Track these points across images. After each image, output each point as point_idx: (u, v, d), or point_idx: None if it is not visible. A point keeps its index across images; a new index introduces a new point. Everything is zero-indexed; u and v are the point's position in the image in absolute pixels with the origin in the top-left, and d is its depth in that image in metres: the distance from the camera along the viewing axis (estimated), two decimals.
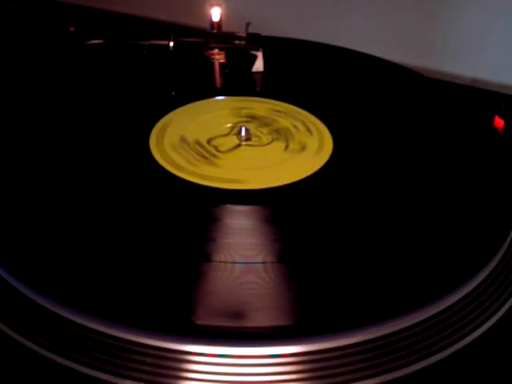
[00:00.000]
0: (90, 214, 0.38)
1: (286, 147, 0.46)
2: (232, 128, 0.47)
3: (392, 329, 0.31)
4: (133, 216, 0.38)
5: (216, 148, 0.45)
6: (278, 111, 0.50)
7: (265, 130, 0.47)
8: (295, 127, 0.48)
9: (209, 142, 0.45)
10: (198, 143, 0.45)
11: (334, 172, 0.42)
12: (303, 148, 0.46)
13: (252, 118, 0.49)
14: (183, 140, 0.45)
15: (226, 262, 0.34)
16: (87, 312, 0.31)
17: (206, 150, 0.44)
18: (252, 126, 0.47)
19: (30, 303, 0.33)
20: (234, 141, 0.46)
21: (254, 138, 0.46)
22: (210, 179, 0.41)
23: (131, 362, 0.30)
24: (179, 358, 0.30)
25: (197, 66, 0.57)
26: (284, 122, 0.49)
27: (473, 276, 0.34)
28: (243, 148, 0.45)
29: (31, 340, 0.32)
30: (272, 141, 0.46)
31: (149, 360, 0.30)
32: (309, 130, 0.48)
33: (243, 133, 0.46)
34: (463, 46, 0.66)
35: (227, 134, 0.46)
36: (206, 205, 0.39)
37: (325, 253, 0.35)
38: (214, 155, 0.44)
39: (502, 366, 0.32)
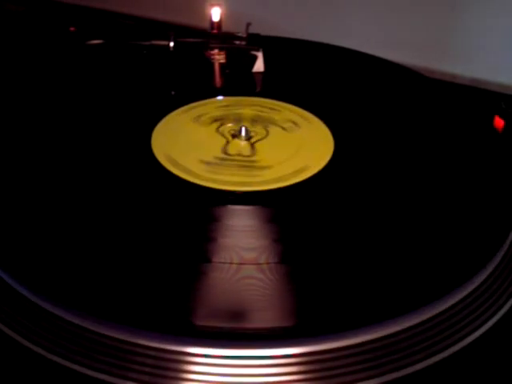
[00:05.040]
0: (90, 215, 0.38)
1: (283, 129, 0.47)
2: (222, 134, 0.47)
3: (392, 330, 0.31)
4: (133, 217, 0.38)
5: (241, 154, 0.44)
6: (227, 106, 0.51)
7: (247, 124, 0.47)
8: (260, 111, 0.49)
9: (226, 153, 0.44)
10: (222, 158, 0.44)
11: (334, 172, 0.42)
12: (294, 123, 0.47)
13: (220, 119, 0.49)
14: (207, 162, 0.43)
15: (226, 263, 0.34)
16: (87, 313, 0.31)
17: (238, 160, 0.43)
18: (235, 125, 0.47)
19: (31, 305, 0.33)
20: (242, 143, 0.46)
21: (252, 134, 0.46)
22: (286, 178, 0.41)
23: (131, 363, 0.30)
24: (179, 359, 0.30)
25: (197, 67, 0.57)
26: (246, 112, 0.49)
27: (473, 277, 0.34)
28: (258, 145, 0.45)
29: (31, 341, 0.32)
30: (266, 129, 0.47)
31: (149, 361, 0.30)
32: (272, 109, 0.50)
33: (243, 133, 0.46)
34: (463, 46, 0.66)
35: (228, 141, 0.46)
36: (206, 205, 0.39)
37: (326, 253, 0.35)
38: (251, 161, 0.43)
39: (502, 366, 0.32)
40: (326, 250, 0.36)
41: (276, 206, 0.39)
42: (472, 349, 0.32)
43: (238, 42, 0.56)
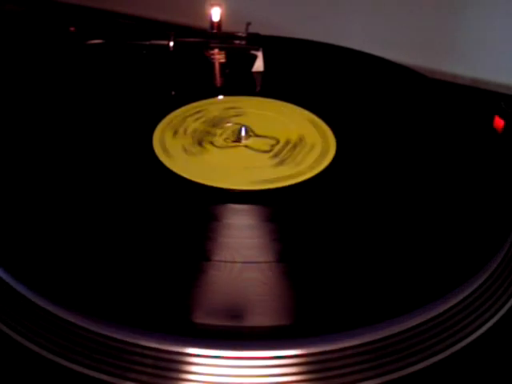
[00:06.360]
0: (91, 215, 0.38)
1: (234, 116, 0.49)
2: (228, 146, 0.46)
3: (392, 330, 0.31)
4: (132, 216, 0.38)
5: (273, 145, 0.45)
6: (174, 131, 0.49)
7: (212, 128, 0.47)
8: (200, 118, 0.49)
9: (269, 150, 0.44)
10: (276, 154, 0.44)
11: (335, 172, 0.42)
12: (232, 108, 0.50)
13: (200, 141, 0.47)
14: (280, 162, 0.43)
15: (225, 262, 0.34)
16: (86, 313, 0.31)
17: (283, 148, 0.45)
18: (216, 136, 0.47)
19: (31, 305, 0.33)
20: (255, 140, 0.46)
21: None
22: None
23: (131, 364, 0.30)
24: (179, 359, 0.30)
25: (197, 66, 0.57)
26: (197, 125, 0.48)
27: (473, 277, 0.34)
28: (261, 132, 0.47)
29: (31, 341, 0.32)
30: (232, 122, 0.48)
31: (148, 361, 0.30)
32: (199, 112, 0.50)
33: (243, 132, 0.46)
34: (463, 45, 0.66)
35: (247, 146, 0.45)
36: (206, 204, 0.39)
37: (325, 253, 0.35)
38: (288, 142, 0.45)
39: (501, 366, 0.32)
40: (325, 250, 0.35)
41: (276, 205, 0.39)
42: (472, 349, 0.32)
43: (237, 42, 0.56)
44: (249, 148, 0.45)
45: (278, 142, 0.46)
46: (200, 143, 0.46)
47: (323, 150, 0.45)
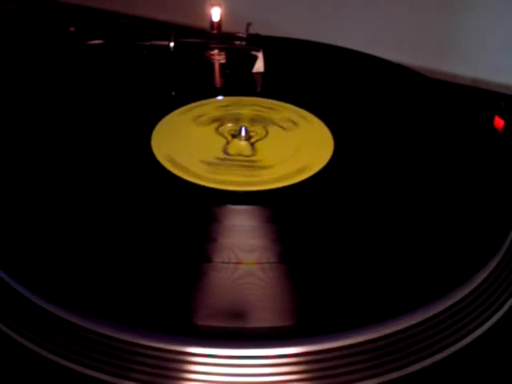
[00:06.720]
0: (90, 216, 0.38)
1: (282, 128, 0.48)
2: (222, 134, 0.47)
3: (392, 329, 0.31)
4: (134, 217, 0.38)
5: (241, 154, 0.44)
6: (227, 106, 0.51)
7: (246, 124, 0.47)
8: (259, 111, 0.50)
9: (227, 153, 0.44)
10: (223, 158, 0.44)
11: (334, 172, 0.42)
12: (294, 122, 0.48)
13: (219, 119, 0.49)
14: (208, 163, 0.43)
15: (227, 263, 0.34)
16: (87, 313, 0.31)
17: (239, 160, 0.44)
18: (234, 125, 0.47)
19: (31, 305, 0.33)
20: (242, 143, 0.46)
21: (252, 133, 0.46)
22: (286, 178, 0.41)
23: (132, 363, 0.30)
24: (179, 358, 0.30)
25: (197, 67, 0.57)
26: (245, 112, 0.50)
27: (473, 276, 0.35)
28: (258, 145, 0.45)
29: (32, 341, 0.32)
30: (266, 129, 0.47)
31: (149, 361, 0.30)
32: (271, 108, 0.50)
33: (243, 133, 0.46)
34: (463, 45, 0.66)
35: (228, 142, 0.46)
36: (207, 205, 0.39)
37: (326, 253, 0.35)
38: (252, 160, 0.43)
39: (502, 366, 0.32)
40: (325, 249, 0.35)
41: (276, 205, 0.39)
42: (472, 348, 0.32)
43: (238, 43, 0.56)
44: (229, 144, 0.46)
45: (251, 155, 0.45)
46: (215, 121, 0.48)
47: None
